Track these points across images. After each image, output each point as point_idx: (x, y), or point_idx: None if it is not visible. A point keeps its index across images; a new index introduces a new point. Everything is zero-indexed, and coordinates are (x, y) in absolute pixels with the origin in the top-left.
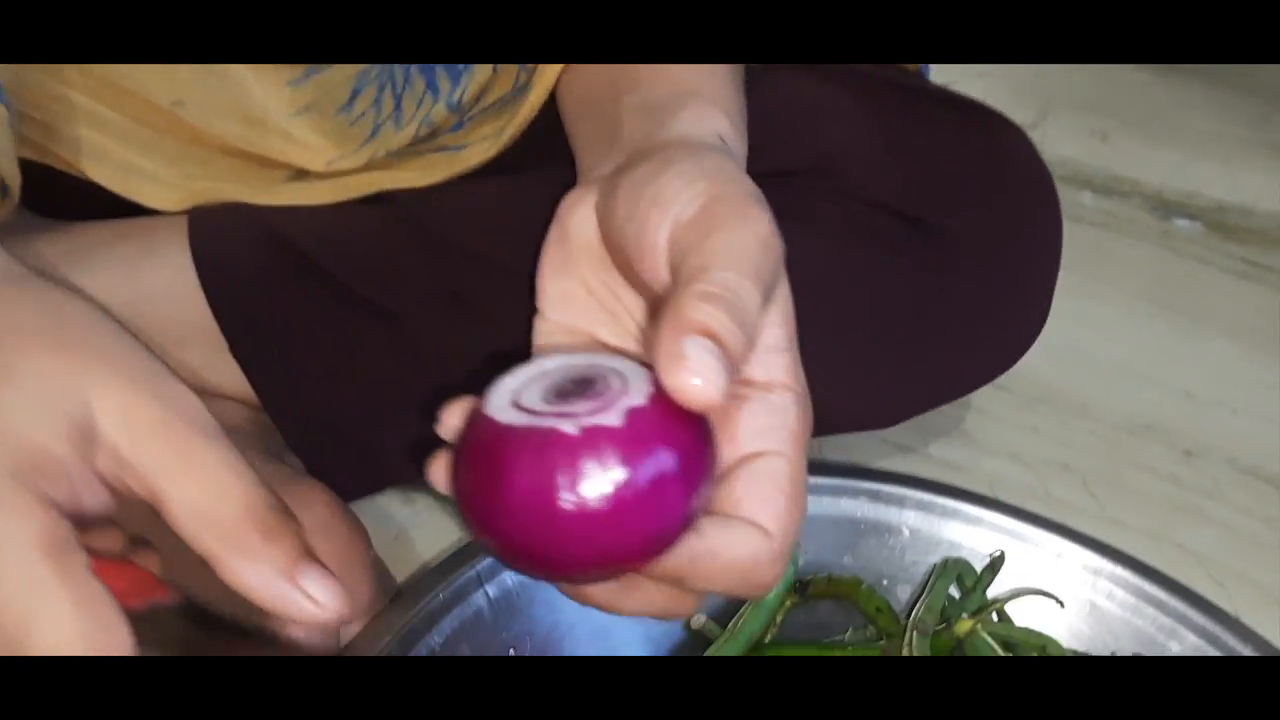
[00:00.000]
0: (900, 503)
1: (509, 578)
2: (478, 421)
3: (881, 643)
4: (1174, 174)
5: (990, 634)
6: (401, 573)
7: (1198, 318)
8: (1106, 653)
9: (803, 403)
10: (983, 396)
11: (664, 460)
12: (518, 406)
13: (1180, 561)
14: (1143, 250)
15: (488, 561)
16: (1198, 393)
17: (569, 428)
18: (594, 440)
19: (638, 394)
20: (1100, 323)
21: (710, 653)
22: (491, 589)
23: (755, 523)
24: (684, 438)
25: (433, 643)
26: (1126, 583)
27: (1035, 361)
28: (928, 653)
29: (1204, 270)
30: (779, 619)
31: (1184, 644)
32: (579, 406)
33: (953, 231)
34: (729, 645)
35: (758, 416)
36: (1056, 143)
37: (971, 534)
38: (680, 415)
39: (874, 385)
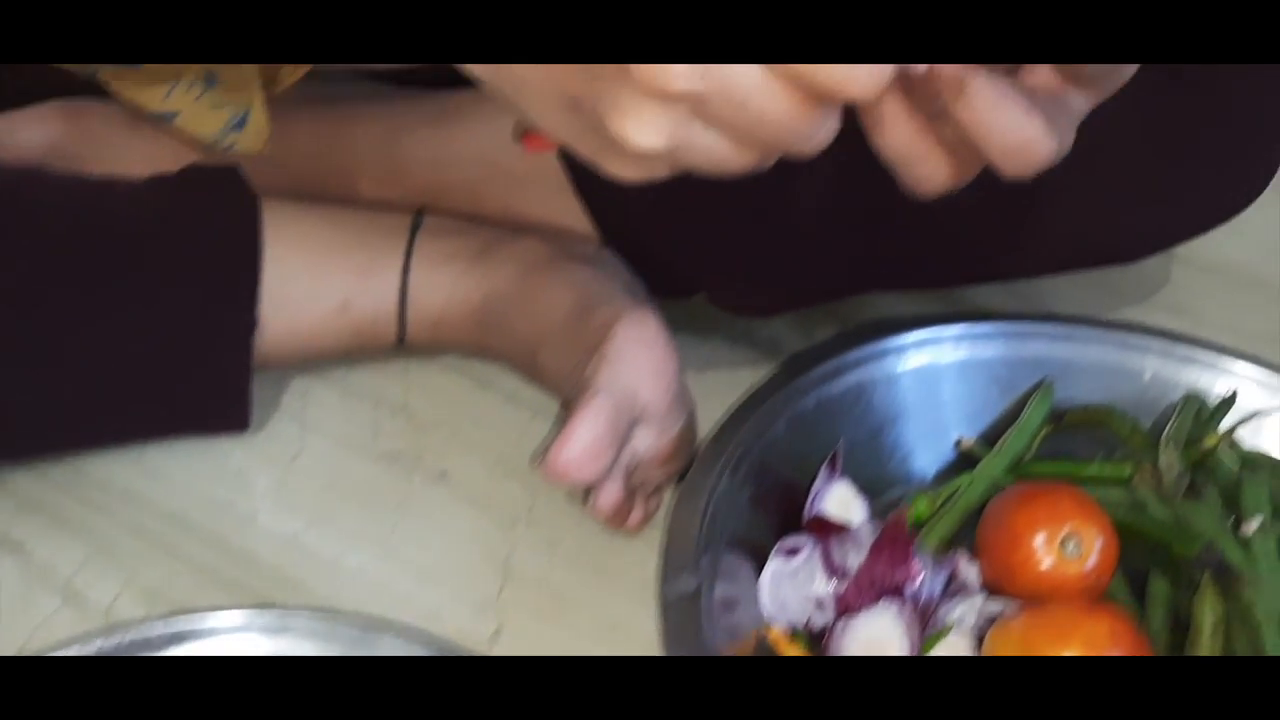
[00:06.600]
0: (1144, 350)
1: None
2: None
3: (1129, 465)
4: None
5: (1231, 453)
6: None
7: None
8: None
9: None
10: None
11: None
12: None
13: None
14: None
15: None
16: None
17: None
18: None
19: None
20: None
21: (978, 470)
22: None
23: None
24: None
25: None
26: None
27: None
28: (1179, 467)
29: None
30: (1036, 444)
31: None
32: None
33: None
34: (995, 461)
35: None
36: None
37: (1207, 377)
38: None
39: (1120, 214)
